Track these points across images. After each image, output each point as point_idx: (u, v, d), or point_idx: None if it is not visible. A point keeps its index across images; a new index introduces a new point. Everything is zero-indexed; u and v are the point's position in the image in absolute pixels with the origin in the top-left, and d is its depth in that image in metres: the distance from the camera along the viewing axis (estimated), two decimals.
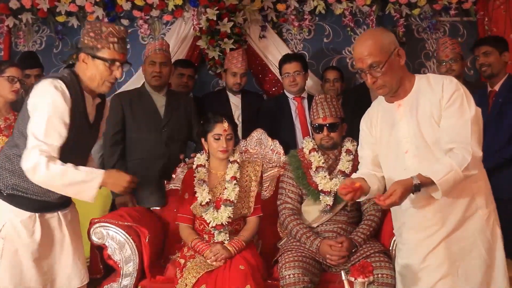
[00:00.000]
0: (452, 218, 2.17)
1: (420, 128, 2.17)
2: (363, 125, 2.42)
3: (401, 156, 2.23)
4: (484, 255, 2.17)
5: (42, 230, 2.25)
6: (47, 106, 2.12)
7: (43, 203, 2.25)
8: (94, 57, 2.21)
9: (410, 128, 2.20)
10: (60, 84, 2.15)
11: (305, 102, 3.83)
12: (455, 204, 2.17)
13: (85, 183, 2.15)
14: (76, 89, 2.21)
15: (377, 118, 2.35)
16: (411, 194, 2.08)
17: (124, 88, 4.28)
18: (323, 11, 4.48)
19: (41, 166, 2.07)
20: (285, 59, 3.84)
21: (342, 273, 2.08)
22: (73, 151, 2.22)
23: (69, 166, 2.12)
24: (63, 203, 2.36)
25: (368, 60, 2.12)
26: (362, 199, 2.33)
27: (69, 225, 2.37)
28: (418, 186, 2.04)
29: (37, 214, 2.25)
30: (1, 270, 2.19)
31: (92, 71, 2.23)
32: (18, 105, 3.38)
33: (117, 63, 2.23)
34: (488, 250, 2.18)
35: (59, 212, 2.34)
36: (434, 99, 2.14)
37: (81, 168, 2.16)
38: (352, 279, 2.01)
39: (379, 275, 2.58)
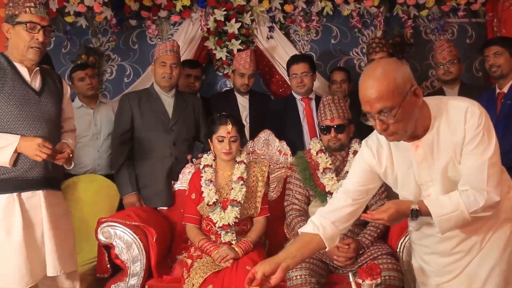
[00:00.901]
0: (479, 241, 1.99)
1: (445, 173, 1.93)
2: (366, 158, 2.07)
3: (421, 197, 2.00)
4: (506, 270, 2.01)
5: (22, 216, 2.26)
6: None
7: (21, 181, 2.28)
8: (14, 24, 2.28)
9: (433, 172, 1.95)
10: None
11: (313, 103, 3.83)
12: (483, 228, 1.98)
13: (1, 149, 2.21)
14: (4, 66, 2.30)
15: (388, 156, 2.04)
16: (412, 218, 1.94)
17: (132, 88, 4.30)
18: (330, 12, 4.48)
19: None
20: (293, 60, 3.84)
21: (350, 275, 2.07)
22: (27, 122, 2.29)
23: None
24: (45, 182, 2.36)
25: (377, 104, 1.78)
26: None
27: (49, 208, 2.35)
28: (416, 212, 1.91)
29: (15, 196, 2.27)
30: None
31: (15, 39, 2.31)
32: None
33: (38, 27, 2.29)
34: (508, 264, 2.02)
35: (40, 192, 2.33)
36: (457, 138, 1.88)
37: None
38: (360, 281, 1.99)
39: (387, 277, 2.57)
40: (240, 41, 4.34)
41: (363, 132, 2.47)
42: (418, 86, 1.86)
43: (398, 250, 2.80)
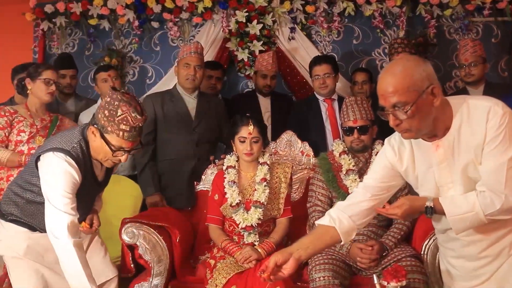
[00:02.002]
0: (508, 246, 1.94)
1: (466, 173, 1.89)
2: (387, 155, 2.07)
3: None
4: None
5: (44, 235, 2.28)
6: (60, 180, 2.14)
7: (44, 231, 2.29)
8: (102, 136, 2.16)
9: (453, 173, 1.91)
10: (66, 166, 2.15)
11: (336, 104, 3.81)
12: (510, 235, 1.94)
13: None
14: (85, 160, 2.22)
15: (409, 155, 2.02)
16: (427, 215, 1.91)
17: (154, 89, 4.34)
18: (352, 13, 4.45)
19: (61, 241, 2.10)
20: (315, 61, 3.82)
21: (374, 276, 2.05)
22: (81, 201, 2.26)
23: (77, 262, 2.11)
24: None
25: (392, 98, 1.78)
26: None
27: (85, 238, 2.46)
28: (431, 209, 1.88)
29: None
30: (17, 280, 2.25)
31: (97, 145, 2.20)
32: (52, 107, 3.47)
33: (122, 152, 2.20)
34: None
35: None
36: (478, 138, 1.83)
37: (82, 274, 2.11)
38: (385, 283, 1.97)
39: (411, 280, 2.54)
40: (261, 42, 4.35)
41: (386, 133, 2.45)
42: (440, 86, 1.83)
43: (422, 253, 2.76)
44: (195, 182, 3.43)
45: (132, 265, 2.98)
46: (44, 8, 4.52)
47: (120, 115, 2.09)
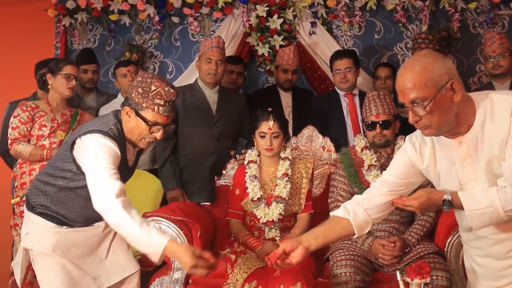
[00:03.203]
0: None
1: (490, 170, 1.85)
2: (408, 153, 2.03)
3: None
4: None
5: (71, 230, 2.30)
6: (104, 157, 2.12)
7: (71, 224, 2.32)
8: (137, 114, 2.18)
9: (476, 170, 1.87)
10: (107, 142, 2.15)
11: (357, 99, 3.78)
12: None
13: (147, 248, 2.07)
14: (121, 142, 2.23)
15: (430, 153, 1.98)
16: (444, 209, 1.86)
17: (175, 84, 4.26)
18: (374, 7, 4.40)
19: (113, 209, 2.06)
20: (336, 56, 3.79)
21: (398, 273, 2.02)
22: None
23: (135, 225, 2.04)
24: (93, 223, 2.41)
25: (410, 94, 1.76)
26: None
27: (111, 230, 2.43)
28: (448, 202, 1.83)
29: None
30: (43, 274, 2.25)
31: (133, 126, 2.21)
32: (73, 102, 3.50)
33: (158, 126, 2.21)
34: None
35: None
36: (502, 133, 1.79)
37: (144, 231, 2.03)
38: (409, 280, 1.95)
39: (434, 277, 2.51)
40: (282, 37, 4.33)
41: (408, 129, 2.41)
42: (462, 81, 1.80)
43: (445, 250, 2.72)
44: (215, 177, 3.43)
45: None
46: (65, 4, 4.56)
47: (154, 90, 2.15)
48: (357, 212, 2.02)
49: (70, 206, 2.27)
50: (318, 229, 2.04)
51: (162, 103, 2.16)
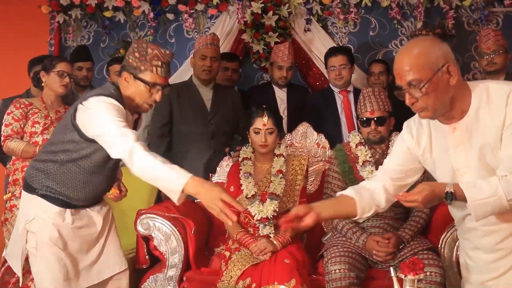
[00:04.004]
0: None
1: (483, 159, 1.85)
2: (405, 138, 2.05)
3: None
4: None
5: (72, 223, 2.28)
6: (111, 113, 2.10)
7: (74, 201, 2.29)
8: (136, 77, 2.21)
9: (469, 157, 1.88)
10: (112, 101, 2.16)
11: (351, 96, 3.78)
12: None
13: (169, 185, 2.03)
14: (122, 105, 2.22)
15: (427, 138, 2.00)
16: (447, 202, 1.84)
17: (170, 81, 4.26)
18: (369, 4, 4.39)
19: (134, 155, 2.01)
20: (331, 53, 3.80)
21: (391, 269, 2.02)
22: (106, 164, 2.27)
23: (154, 161, 1.99)
24: (94, 203, 2.39)
25: (407, 76, 1.79)
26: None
27: (101, 218, 2.40)
28: (451, 195, 1.80)
29: (67, 210, 2.28)
30: (40, 264, 2.23)
31: (132, 91, 2.23)
32: (68, 99, 3.49)
33: (158, 87, 2.23)
34: None
35: (88, 209, 2.37)
36: (497, 121, 1.80)
37: (165, 168, 1.99)
38: (402, 276, 1.95)
39: (428, 273, 2.52)
40: (277, 33, 4.31)
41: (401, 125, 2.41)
42: (457, 66, 1.82)
43: (439, 246, 2.73)
44: (210, 174, 3.43)
45: (147, 257, 3.00)
46: (59, 1, 4.53)
47: (150, 53, 2.20)
48: (363, 195, 2.03)
49: (73, 183, 2.26)
50: (327, 201, 2.08)
51: (160, 64, 2.21)
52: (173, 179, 1.98)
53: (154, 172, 2.00)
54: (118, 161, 2.37)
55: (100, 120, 2.12)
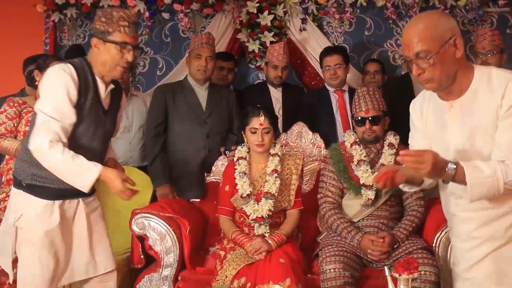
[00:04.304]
0: (502, 231, 1.92)
1: (472, 140, 1.90)
2: (412, 115, 2.14)
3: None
4: None
5: (60, 220, 2.26)
6: (55, 87, 2.18)
7: (62, 190, 2.27)
8: (106, 41, 2.24)
9: (459, 136, 1.93)
10: (69, 67, 2.22)
11: (346, 95, 3.78)
12: (506, 218, 1.91)
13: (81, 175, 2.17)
14: (85, 74, 2.27)
15: (427, 111, 2.07)
16: (448, 172, 1.82)
17: (165, 80, 4.33)
18: (364, 4, 4.39)
19: (44, 149, 2.12)
20: (326, 52, 3.79)
21: (386, 269, 2.03)
22: (92, 140, 2.29)
23: (68, 157, 2.13)
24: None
25: (416, 47, 1.84)
26: (412, 190, 2.20)
27: (90, 215, 2.38)
28: (453, 169, 1.80)
29: (55, 203, 2.27)
30: (23, 261, 2.23)
31: (103, 56, 2.27)
32: None
33: (128, 47, 2.26)
34: None
35: (80, 199, 2.35)
36: (493, 105, 1.84)
37: (79, 161, 2.15)
38: (397, 275, 1.96)
39: (422, 272, 2.52)
40: (272, 33, 4.32)
41: (397, 125, 2.42)
42: (463, 39, 1.87)
43: (434, 245, 2.74)
44: (205, 174, 3.43)
45: (142, 256, 2.99)
46: (55, 0, 4.52)
47: (116, 15, 2.25)
48: None
49: None
50: (404, 167, 2.01)
51: (127, 24, 2.25)
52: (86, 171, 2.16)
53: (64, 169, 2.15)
54: (105, 141, 2.43)
55: (43, 99, 2.19)
